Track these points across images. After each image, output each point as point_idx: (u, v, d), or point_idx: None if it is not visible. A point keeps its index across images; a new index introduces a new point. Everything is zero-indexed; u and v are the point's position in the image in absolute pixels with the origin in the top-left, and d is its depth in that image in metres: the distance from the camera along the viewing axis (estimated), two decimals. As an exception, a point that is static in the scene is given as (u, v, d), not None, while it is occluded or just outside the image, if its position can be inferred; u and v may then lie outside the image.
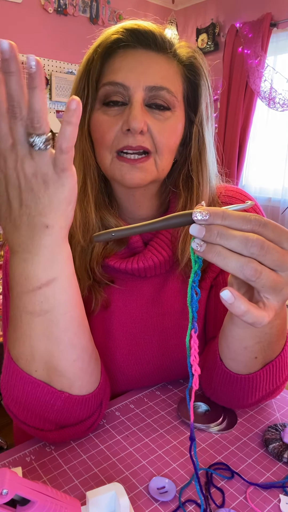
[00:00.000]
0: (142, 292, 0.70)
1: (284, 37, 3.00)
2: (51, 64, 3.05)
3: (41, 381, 0.52)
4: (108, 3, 3.27)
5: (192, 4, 3.63)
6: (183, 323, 0.70)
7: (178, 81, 0.63)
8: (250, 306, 0.38)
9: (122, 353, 0.69)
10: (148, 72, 0.59)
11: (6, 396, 0.55)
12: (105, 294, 0.68)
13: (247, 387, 0.57)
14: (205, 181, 0.66)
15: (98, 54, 0.61)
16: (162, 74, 0.60)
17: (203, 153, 0.66)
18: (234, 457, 0.56)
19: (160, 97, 0.60)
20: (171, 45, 0.62)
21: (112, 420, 0.63)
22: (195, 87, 0.65)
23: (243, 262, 0.37)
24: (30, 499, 0.36)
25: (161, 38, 0.61)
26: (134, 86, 0.59)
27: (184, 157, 0.68)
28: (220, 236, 0.38)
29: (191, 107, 0.66)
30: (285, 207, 3.08)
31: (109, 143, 0.61)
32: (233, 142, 3.29)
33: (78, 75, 0.64)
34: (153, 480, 0.51)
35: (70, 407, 0.54)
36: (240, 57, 3.15)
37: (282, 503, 0.49)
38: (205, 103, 0.65)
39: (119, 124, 0.60)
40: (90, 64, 0.62)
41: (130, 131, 0.58)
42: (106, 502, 0.42)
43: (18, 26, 2.83)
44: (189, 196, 0.66)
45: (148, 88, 0.59)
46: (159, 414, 0.65)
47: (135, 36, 0.60)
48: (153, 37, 0.60)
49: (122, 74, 0.59)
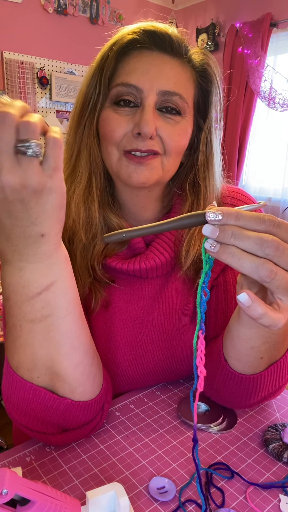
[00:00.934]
0: (143, 292, 0.70)
1: (284, 37, 3.00)
2: (51, 64, 3.05)
3: (42, 387, 0.51)
4: (108, 3, 3.27)
5: (192, 4, 3.63)
6: (183, 324, 0.70)
7: (190, 87, 0.63)
8: (267, 308, 0.38)
9: (122, 354, 0.69)
10: (162, 76, 0.59)
11: (8, 403, 0.55)
12: (105, 293, 0.68)
13: (251, 387, 0.57)
14: (211, 186, 0.67)
15: (113, 52, 0.60)
16: (175, 79, 0.60)
17: (210, 160, 0.67)
18: (234, 457, 0.56)
19: (172, 102, 0.60)
20: (187, 50, 0.62)
21: (112, 420, 0.63)
22: (206, 94, 0.65)
23: (258, 263, 0.37)
24: (30, 499, 0.36)
25: (178, 42, 0.60)
26: (148, 89, 0.58)
27: (191, 162, 0.68)
28: (235, 236, 0.37)
29: (201, 113, 0.66)
30: (285, 207, 3.08)
31: (117, 140, 0.60)
32: (233, 142, 3.29)
33: (91, 71, 0.63)
34: (153, 480, 0.51)
35: (72, 412, 0.54)
36: (240, 57, 3.15)
37: (282, 503, 0.49)
38: (215, 111, 0.65)
39: (129, 125, 0.60)
40: (104, 62, 0.61)
41: (140, 135, 0.58)
42: (106, 502, 0.42)
43: (18, 26, 2.83)
44: (196, 200, 0.67)
45: (161, 93, 0.59)
46: (159, 414, 0.65)
47: (152, 38, 0.60)
48: (169, 40, 0.60)
49: (136, 76, 0.59)
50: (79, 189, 0.64)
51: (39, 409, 0.52)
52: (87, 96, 0.63)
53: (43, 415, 0.53)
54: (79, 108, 0.64)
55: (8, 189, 0.40)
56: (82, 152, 0.64)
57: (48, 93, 3.08)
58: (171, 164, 0.63)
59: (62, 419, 0.54)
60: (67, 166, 0.66)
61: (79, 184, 0.64)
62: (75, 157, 0.65)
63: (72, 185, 0.64)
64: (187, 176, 0.68)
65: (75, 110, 0.65)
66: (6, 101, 0.41)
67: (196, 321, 0.69)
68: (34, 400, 0.52)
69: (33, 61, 2.94)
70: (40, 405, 0.52)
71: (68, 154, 0.66)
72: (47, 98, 3.08)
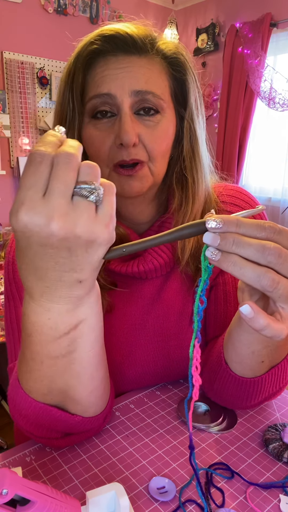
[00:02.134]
0: (143, 293, 0.69)
1: (284, 37, 3.00)
2: (51, 64, 3.05)
3: (54, 406, 0.51)
4: (108, 3, 3.27)
5: (192, 4, 3.63)
6: (182, 323, 0.70)
7: (164, 81, 0.62)
8: (270, 320, 0.37)
9: (122, 354, 0.69)
10: (131, 77, 0.58)
11: (14, 412, 0.54)
12: (109, 298, 0.68)
13: (252, 389, 0.57)
14: (200, 177, 0.65)
15: (78, 68, 0.60)
16: (146, 77, 0.59)
17: (195, 148, 0.65)
18: (234, 457, 0.56)
19: (147, 101, 0.59)
20: (152, 45, 0.60)
21: (112, 420, 0.63)
22: (182, 83, 0.64)
23: (260, 272, 0.36)
24: (30, 499, 0.36)
25: (141, 40, 0.59)
26: (120, 94, 0.58)
27: (177, 155, 0.67)
28: (236, 244, 0.36)
29: (180, 103, 0.65)
30: (285, 207, 3.07)
31: (104, 158, 0.60)
32: (233, 142, 3.29)
33: (62, 88, 0.62)
34: (153, 480, 0.51)
35: (80, 425, 0.54)
36: (240, 57, 3.14)
37: (282, 503, 0.49)
38: (193, 98, 0.64)
39: (111, 138, 0.59)
40: (72, 77, 0.60)
41: (123, 145, 0.58)
42: (106, 502, 0.42)
43: (18, 26, 2.83)
44: (184, 195, 0.66)
45: (134, 93, 0.58)
46: (159, 414, 0.65)
47: (114, 43, 0.58)
48: (132, 41, 0.58)
49: (107, 84, 0.58)
50: None
51: (47, 422, 0.52)
52: (62, 113, 0.62)
53: (50, 425, 0.53)
54: (57, 124, 0.63)
55: (56, 237, 0.35)
56: None
57: (48, 93, 3.08)
58: (159, 167, 0.62)
59: (67, 429, 0.54)
60: None
61: None
62: None
63: None
64: (174, 170, 0.67)
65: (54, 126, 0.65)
66: (62, 137, 0.38)
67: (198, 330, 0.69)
68: (44, 415, 0.51)
69: (33, 61, 2.94)
70: (50, 419, 0.51)
71: None
72: (47, 98, 3.08)
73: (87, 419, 0.53)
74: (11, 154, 2.93)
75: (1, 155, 2.88)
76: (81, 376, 0.49)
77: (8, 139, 2.90)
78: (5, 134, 2.83)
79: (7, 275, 0.67)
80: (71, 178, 0.35)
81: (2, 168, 2.88)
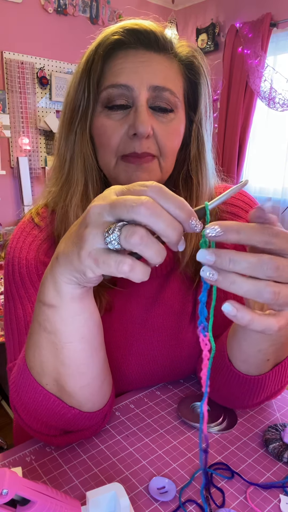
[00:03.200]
0: (143, 292, 0.69)
1: (284, 37, 3.00)
2: (51, 64, 3.05)
3: (52, 394, 0.51)
4: (108, 3, 3.27)
5: (192, 4, 3.63)
6: (182, 323, 0.70)
7: (179, 81, 0.63)
8: (254, 315, 0.37)
9: (122, 353, 0.69)
10: (151, 72, 0.59)
11: (16, 399, 0.54)
12: (108, 297, 0.68)
13: (255, 387, 0.57)
14: (204, 180, 0.66)
15: (99, 55, 0.60)
16: (164, 74, 0.60)
17: (202, 152, 0.66)
18: (234, 457, 0.56)
19: (163, 98, 0.60)
20: (172, 45, 0.62)
21: (112, 420, 0.63)
22: (195, 86, 0.65)
23: (260, 287, 0.36)
24: (30, 499, 0.36)
25: (163, 38, 0.60)
26: (138, 87, 0.58)
27: (183, 157, 0.68)
28: (233, 262, 0.35)
29: (191, 106, 0.66)
30: (285, 207, 3.08)
31: (114, 148, 0.60)
32: (233, 142, 3.29)
33: (77, 77, 0.62)
34: (153, 480, 0.51)
35: (78, 420, 0.54)
36: (240, 57, 3.14)
37: (282, 503, 0.49)
38: (204, 102, 0.65)
39: (124, 128, 0.59)
40: (90, 66, 0.60)
41: (136, 135, 0.58)
42: (106, 502, 0.42)
43: (18, 26, 2.83)
44: (189, 195, 0.66)
45: (152, 88, 0.59)
46: (159, 414, 0.65)
47: (136, 37, 0.59)
48: (154, 37, 0.59)
49: (125, 76, 0.58)
50: (76, 197, 0.63)
51: (45, 413, 0.52)
52: (76, 101, 0.62)
53: (48, 419, 0.53)
54: (68, 114, 0.63)
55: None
56: (76, 159, 0.63)
57: (48, 93, 3.08)
58: (168, 164, 0.63)
59: (66, 424, 0.54)
60: (60, 174, 0.65)
61: (75, 192, 0.63)
62: (68, 165, 0.64)
63: (68, 193, 0.64)
64: (180, 171, 0.67)
65: (64, 116, 0.64)
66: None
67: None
68: (43, 403, 0.51)
69: (33, 61, 2.94)
70: (48, 410, 0.52)
71: (60, 162, 0.65)
72: (47, 98, 3.08)
73: (84, 414, 0.53)
74: (11, 154, 2.93)
75: (1, 155, 2.88)
76: (67, 367, 0.49)
77: (8, 139, 2.91)
78: (5, 134, 2.83)
79: (7, 275, 0.67)
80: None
81: (2, 168, 2.88)
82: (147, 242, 0.35)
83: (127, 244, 0.35)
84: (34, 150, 3.03)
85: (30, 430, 0.55)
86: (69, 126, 0.63)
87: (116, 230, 0.36)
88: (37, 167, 3.07)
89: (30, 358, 0.51)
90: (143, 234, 0.35)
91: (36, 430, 0.55)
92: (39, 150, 3.07)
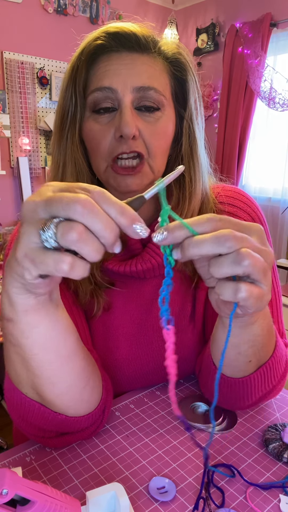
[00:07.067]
0: (142, 293, 0.69)
1: (284, 37, 2.99)
2: (51, 64, 3.05)
3: (35, 401, 0.51)
4: (108, 3, 3.26)
5: (192, 4, 3.63)
6: (182, 323, 0.70)
7: (165, 79, 0.62)
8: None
9: (122, 353, 0.69)
10: (134, 74, 0.59)
11: (8, 404, 0.55)
12: (106, 297, 0.68)
13: (243, 390, 0.57)
14: (197, 177, 0.66)
15: (82, 61, 0.60)
16: (148, 74, 0.60)
17: (194, 148, 0.66)
18: (234, 457, 0.56)
19: (149, 97, 0.60)
20: (154, 44, 0.61)
21: (112, 420, 0.63)
22: (182, 83, 0.64)
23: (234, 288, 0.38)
24: (30, 499, 0.36)
25: (144, 38, 0.60)
26: (122, 89, 0.58)
27: (175, 154, 0.67)
28: (193, 245, 0.37)
29: (180, 103, 0.66)
30: (285, 207, 3.07)
31: (104, 152, 0.60)
32: (233, 142, 3.28)
33: (64, 84, 0.63)
34: (153, 480, 0.51)
35: (68, 424, 0.54)
36: (240, 57, 3.14)
37: (282, 503, 0.49)
38: (193, 98, 0.65)
39: (111, 131, 0.59)
40: (75, 72, 0.61)
41: (123, 137, 0.58)
42: (106, 502, 0.42)
43: (18, 26, 2.83)
44: (182, 193, 0.66)
45: (136, 89, 0.59)
46: (159, 414, 0.65)
47: (118, 40, 0.59)
48: (136, 39, 0.60)
49: (108, 78, 0.59)
50: None
51: (35, 417, 0.52)
52: (64, 108, 0.63)
53: (40, 424, 0.53)
54: (59, 121, 0.64)
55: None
56: (67, 164, 0.64)
57: (48, 93, 3.08)
58: (158, 163, 0.63)
59: (58, 427, 0.54)
60: (55, 179, 0.66)
61: None
62: (61, 170, 0.65)
63: None
64: (172, 168, 0.68)
65: (56, 123, 0.65)
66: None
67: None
68: (30, 409, 0.52)
69: (33, 61, 2.94)
70: (36, 415, 0.52)
71: (54, 167, 0.66)
72: (47, 98, 3.08)
73: (72, 418, 0.53)
74: (11, 154, 2.93)
75: (1, 155, 2.87)
76: (38, 377, 0.48)
77: (8, 139, 2.90)
78: (5, 134, 2.83)
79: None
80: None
81: (2, 168, 2.88)
82: (86, 238, 0.34)
83: (64, 241, 0.34)
84: (34, 150, 3.03)
85: (26, 433, 0.56)
86: (60, 132, 0.64)
87: (52, 226, 0.34)
88: (37, 167, 3.07)
89: (8, 368, 0.51)
90: (81, 230, 0.33)
91: (31, 433, 0.55)
92: (39, 150, 3.07)
